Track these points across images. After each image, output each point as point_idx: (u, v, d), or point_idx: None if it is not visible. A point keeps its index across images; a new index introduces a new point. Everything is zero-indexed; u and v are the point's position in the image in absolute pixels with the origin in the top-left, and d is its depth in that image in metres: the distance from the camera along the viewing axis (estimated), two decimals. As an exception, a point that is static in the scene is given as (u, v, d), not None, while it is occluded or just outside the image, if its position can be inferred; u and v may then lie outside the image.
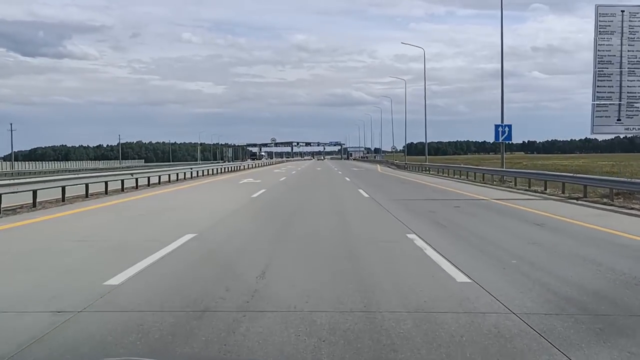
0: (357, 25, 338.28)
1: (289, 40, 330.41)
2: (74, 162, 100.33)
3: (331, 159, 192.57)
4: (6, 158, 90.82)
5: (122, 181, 19.16)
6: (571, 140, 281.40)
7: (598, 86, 18.11)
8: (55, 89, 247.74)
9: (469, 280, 5.66)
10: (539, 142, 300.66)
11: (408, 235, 8.95)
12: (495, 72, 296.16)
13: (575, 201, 16.02)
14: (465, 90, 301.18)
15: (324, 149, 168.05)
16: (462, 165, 34.46)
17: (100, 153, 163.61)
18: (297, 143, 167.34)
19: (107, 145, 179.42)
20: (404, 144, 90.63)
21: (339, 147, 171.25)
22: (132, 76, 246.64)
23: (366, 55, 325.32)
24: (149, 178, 22.58)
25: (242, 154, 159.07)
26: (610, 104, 18.09)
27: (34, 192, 12.79)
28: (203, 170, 34.11)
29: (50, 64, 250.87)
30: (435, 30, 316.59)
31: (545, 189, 19.36)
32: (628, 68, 18.00)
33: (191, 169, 30.19)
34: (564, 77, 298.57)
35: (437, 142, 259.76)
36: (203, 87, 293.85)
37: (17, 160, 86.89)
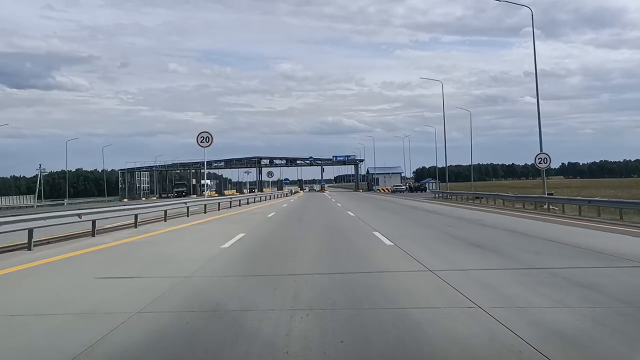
0: (342, 54, 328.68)
1: (275, 69, 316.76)
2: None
3: (328, 185, 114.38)
4: None
5: None
6: (624, 161, 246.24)
7: None
8: (44, 120, 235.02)
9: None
10: (583, 164, 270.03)
11: None
12: (485, 97, 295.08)
13: None
14: (457, 116, 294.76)
15: (323, 170, 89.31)
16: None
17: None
18: (271, 161, 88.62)
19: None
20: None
21: (353, 167, 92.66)
22: (121, 107, 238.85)
23: (354, 83, 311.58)
24: None
25: (169, 185, 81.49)
26: None
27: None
28: None
29: (39, 95, 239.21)
30: (421, 57, 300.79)
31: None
32: None
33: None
34: (556, 102, 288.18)
35: (456, 165, 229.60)
36: (193, 117, 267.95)
37: None
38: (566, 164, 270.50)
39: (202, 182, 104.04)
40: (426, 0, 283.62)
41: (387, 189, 76.28)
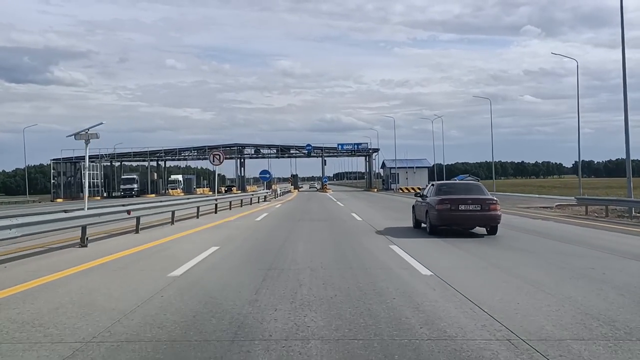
0: (341, 51, 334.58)
1: (274, 66, 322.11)
2: None
3: (329, 183, 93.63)
4: None
5: None
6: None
7: None
8: (43, 115, 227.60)
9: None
10: (598, 162, 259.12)
11: None
12: (484, 95, 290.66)
13: None
14: (456, 115, 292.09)
15: (325, 163, 68.30)
16: None
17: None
18: (256, 150, 67.85)
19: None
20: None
21: (364, 160, 70.62)
22: (119, 103, 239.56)
23: (352, 81, 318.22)
24: None
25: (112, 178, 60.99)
26: None
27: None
28: None
29: (38, 90, 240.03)
30: (420, 55, 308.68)
31: None
32: None
33: None
34: (555, 101, 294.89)
35: (463, 163, 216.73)
36: (191, 113, 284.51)
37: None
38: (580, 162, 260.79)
39: (173, 177, 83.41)
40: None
41: (414, 189, 55.11)
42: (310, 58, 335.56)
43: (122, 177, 63.97)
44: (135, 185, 60.34)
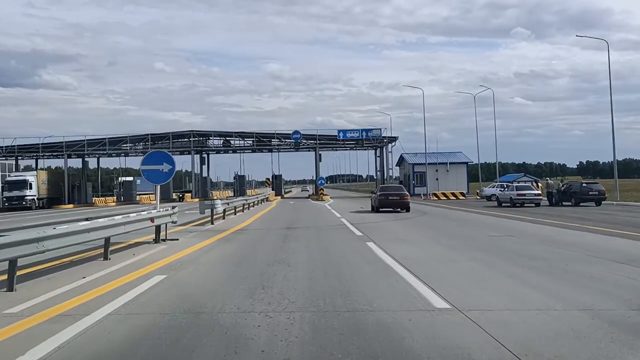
0: (330, 54, 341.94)
1: (263, 69, 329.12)
2: None
3: (322, 186, 74.19)
4: None
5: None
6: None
7: None
8: (31, 120, 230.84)
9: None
10: (604, 163, 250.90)
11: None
12: (476, 99, 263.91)
13: None
14: (446, 117, 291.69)
15: (320, 159, 48.32)
16: None
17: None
18: (225, 141, 48.58)
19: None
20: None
21: (375, 150, 50.46)
22: (108, 107, 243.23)
23: (342, 84, 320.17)
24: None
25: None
26: None
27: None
28: None
29: (25, 94, 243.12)
30: (408, 58, 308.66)
31: None
32: None
33: None
34: (544, 103, 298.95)
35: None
36: (181, 117, 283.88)
37: None
38: (584, 162, 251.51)
39: (128, 179, 64.04)
40: (412, 0, 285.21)
41: (462, 195, 36.00)
42: (299, 61, 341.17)
43: (7, 179, 43.66)
44: (27, 192, 41.00)
